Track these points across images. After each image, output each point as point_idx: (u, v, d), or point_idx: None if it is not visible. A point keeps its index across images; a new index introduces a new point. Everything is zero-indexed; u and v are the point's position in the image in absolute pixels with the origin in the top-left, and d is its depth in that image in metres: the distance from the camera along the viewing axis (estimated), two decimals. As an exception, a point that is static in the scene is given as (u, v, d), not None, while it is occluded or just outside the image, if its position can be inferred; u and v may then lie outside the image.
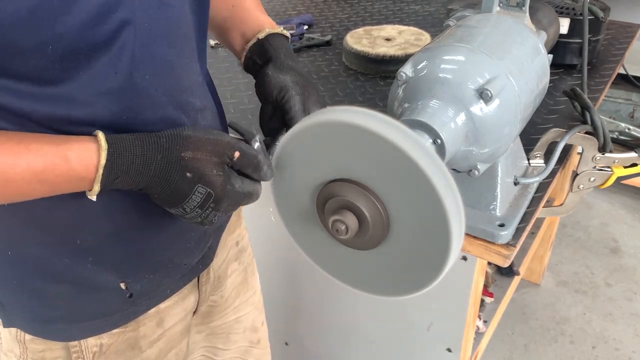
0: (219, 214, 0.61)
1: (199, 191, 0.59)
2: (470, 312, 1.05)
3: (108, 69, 0.56)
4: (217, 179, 0.59)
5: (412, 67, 0.76)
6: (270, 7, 1.79)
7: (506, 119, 0.74)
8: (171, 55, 0.62)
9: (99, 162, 0.55)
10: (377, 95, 1.23)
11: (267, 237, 1.26)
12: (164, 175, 0.58)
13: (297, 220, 0.66)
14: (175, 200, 0.59)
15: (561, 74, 1.30)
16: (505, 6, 0.89)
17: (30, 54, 0.52)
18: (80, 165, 0.55)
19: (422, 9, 1.74)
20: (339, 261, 0.65)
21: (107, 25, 0.54)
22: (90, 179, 0.56)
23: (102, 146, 0.55)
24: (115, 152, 0.56)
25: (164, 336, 0.78)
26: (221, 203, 0.60)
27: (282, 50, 0.76)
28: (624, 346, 1.85)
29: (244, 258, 0.95)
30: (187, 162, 0.58)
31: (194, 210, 0.60)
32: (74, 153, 0.55)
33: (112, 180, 0.56)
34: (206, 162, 0.58)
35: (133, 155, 0.57)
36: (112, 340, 0.72)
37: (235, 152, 0.60)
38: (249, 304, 0.97)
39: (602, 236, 2.31)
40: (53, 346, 0.71)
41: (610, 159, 0.93)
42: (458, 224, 0.54)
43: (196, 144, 0.59)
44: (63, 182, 0.55)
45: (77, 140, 0.56)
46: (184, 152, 0.58)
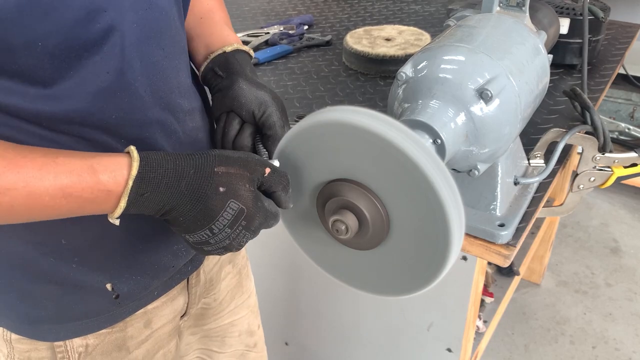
0: (248, 234, 0.60)
1: (231, 207, 0.57)
2: (470, 312, 1.05)
3: (99, 68, 0.56)
4: (250, 194, 0.58)
5: (412, 67, 0.76)
6: (270, 7, 1.79)
7: (506, 119, 0.74)
8: (160, 57, 0.62)
9: (129, 173, 0.54)
10: (377, 95, 1.23)
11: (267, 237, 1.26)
12: (196, 189, 0.56)
13: (297, 220, 0.66)
14: (205, 219, 0.57)
15: (561, 74, 1.30)
16: (505, 6, 0.89)
17: (19, 51, 0.52)
18: (109, 177, 0.54)
19: (422, 9, 1.74)
20: (339, 261, 0.65)
21: (98, 24, 0.54)
22: (118, 192, 0.54)
23: (134, 157, 0.55)
24: (148, 164, 0.55)
25: (151, 337, 0.78)
26: (253, 221, 0.59)
27: (247, 67, 0.76)
28: (624, 346, 1.85)
29: (238, 261, 0.94)
30: (220, 177, 0.57)
31: (222, 231, 0.58)
32: (102, 166, 0.54)
33: (140, 195, 0.55)
34: (240, 176, 0.58)
35: (165, 169, 0.55)
36: (98, 341, 0.72)
37: (266, 168, 0.59)
38: (244, 307, 0.96)
39: (602, 236, 2.31)
40: (39, 346, 0.71)
41: (610, 159, 0.93)
42: (458, 224, 0.54)
43: (229, 160, 0.58)
44: (89, 196, 0.53)
45: (107, 155, 0.55)
46: (217, 167, 0.57)
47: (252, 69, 0.77)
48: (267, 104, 0.71)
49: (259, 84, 0.73)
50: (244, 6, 1.80)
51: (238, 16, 1.71)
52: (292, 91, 1.26)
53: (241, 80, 0.73)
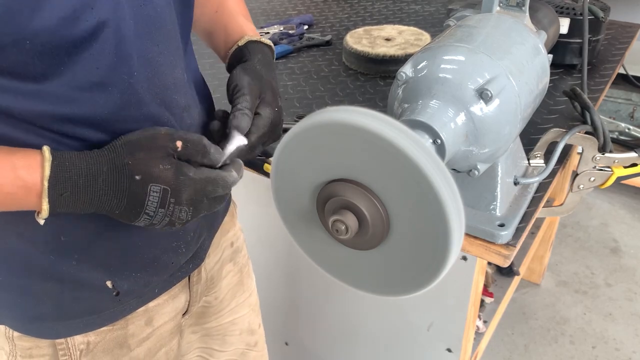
0: (184, 208, 0.60)
1: (153, 190, 0.58)
2: (470, 312, 1.05)
3: (90, 64, 0.56)
4: (166, 172, 0.58)
5: (412, 67, 0.76)
6: (270, 7, 1.79)
7: (506, 119, 0.74)
8: (154, 53, 0.62)
9: (42, 174, 0.55)
10: (377, 95, 1.23)
11: (267, 237, 1.26)
12: (114, 185, 0.57)
13: (297, 220, 0.66)
14: (135, 208, 0.58)
15: (561, 74, 1.30)
16: (505, 6, 0.89)
17: (8, 49, 0.52)
18: (26, 173, 0.54)
19: (422, 9, 1.74)
20: (339, 261, 0.65)
21: (86, 21, 0.54)
22: (37, 191, 0.55)
23: (46, 157, 0.55)
24: (60, 164, 0.55)
25: (153, 335, 0.78)
26: (181, 195, 0.59)
27: (257, 56, 0.76)
28: (624, 346, 1.85)
29: (239, 259, 0.94)
30: (132, 167, 0.57)
31: (157, 213, 0.59)
32: (22, 162, 0.55)
33: (59, 195, 0.55)
34: (149, 159, 0.58)
35: (79, 168, 0.56)
36: (99, 338, 0.72)
37: (177, 141, 0.60)
38: (245, 305, 0.96)
39: (602, 236, 2.31)
40: (40, 344, 0.71)
41: (610, 159, 0.93)
42: (458, 224, 0.54)
43: (136, 145, 0.59)
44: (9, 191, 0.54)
45: (28, 151, 0.56)
46: (127, 157, 0.58)
47: (263, 57, 0.77)
48: (239, 87, 0.71)
49: (250, 71, 0.73)
50: (244, 6, 1.80)
51: (238, 16, 1.71)
52: (292, 91, 1.26)
53: (238, 68, 0.73)
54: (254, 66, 0.74)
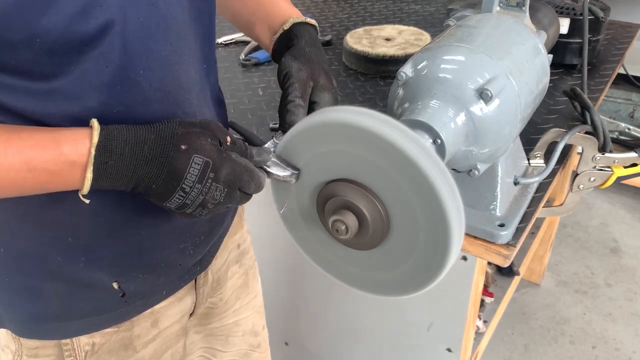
0: (220, 186, 0.59)
1: (195, 162, 0.57)
2: (470, 312, 1.05)
3: (99, 63, 0.56)
4: (212, 147, 0.58)
5: (412, 67, 0.76)
6: (270, 7, 1.79)
7: (506, 119, 0.74)
8: (167, 52, 0.62)
9: (91, 142, 0.54)
10: (377, 95, 1.23)
11: (267, 237, 1.26)
12: (159, 152, 0.56)
13: (297, 220, 0.66)
14: (174, 179, 0.57)
15: (561, 74, 1.30)
16: (505, 6, 0.89)
17: (19, 46, 0.52)
18: (71, 148, 0.54)
19: (422, 9, 1.74)
20: (339, 261, 0.65)
21: (95, 18, 0.54)
22: (82, 163, 0.54)
23: (95, 127, 0.55)
24: (109, 133, 0.55)
25: (159, 337, 0.78)
26: (220, 171, 0.58)
27: (304, 38, 0.74)
28: (624, 346, 1.85)
29: (245, 261, 0.94)
30: (180, 137, 0.57)
31: (194, 187, 0.57)
32: (65, 138, 0.54)
33: (104, 163, 0.55)
34: (200, 134, 0.58)
35: (126, 136, 0.56)
36: (104, 340, 0.72)
37: (227, 136, 0.60)
38: (249, 307, 0.96)
39: (602, 236, 2.31)
40: (47, 344, 0.71)
41: (610, 158, 0.93)
42: (458, 224, 0.54)
43: (188, 124, 0.59)
44: (53, 168, 0.54)
45: (70, 129, 0.56)
46: (177, 129, 0.58)
47: (310, 38, 0.75)
48: (289, 75, 0.70)
49: (299, 54, 0.72)
50: (244, 6, 1.80)
51: (238, 16, 1.71)
52: (292, 91, 1.25)
53: (287, 56, 0.72)
54: (302, 50, 0.73)
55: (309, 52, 0.73)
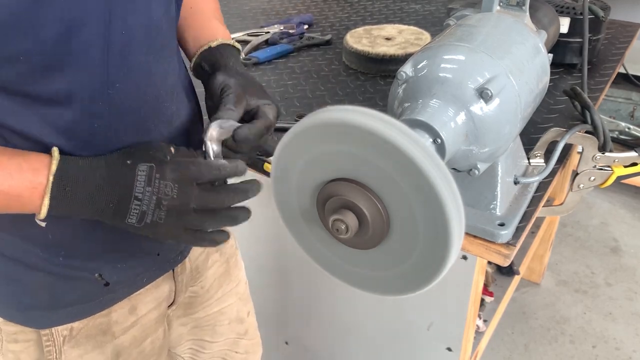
0: (169, 183, 0.60)
1: (140, 169, 0.60)
2: (471, 312, 1.05)
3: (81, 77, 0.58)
4: (156, 154, 0.62)
5: (412, 67, 0.76)
6: (270, 6, 1.79)
7: (506, 119, 0.74)
8: (148, 63, 0.64)
9: (49, 169, 0.57)
10: (377, 94, 1.23)
11: (267, 236, 1.26)
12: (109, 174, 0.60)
13: (297, 220, 0.66)
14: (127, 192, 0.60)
15: (561, 73, 1.30)
16: (506, 5, 0.89)
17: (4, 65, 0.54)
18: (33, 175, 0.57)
19: (422, 8, 1.74)
20: (339, 260, 0.65)
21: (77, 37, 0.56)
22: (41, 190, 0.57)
23: (54, 156, 0.58)
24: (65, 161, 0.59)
25: (137, 323, 0.80)
26: (165, 170, 0.60)
27: (232, 59, 0.77)
28: (624, 346, 1.85)
29: (225, 249, 0.96)
30: (126, 154, 0.62)
31: (145, 192, 0.60)
32: (28, 164, 0.57)
33: (62, 188, 0.58)
34: (142, 149, 0.62)
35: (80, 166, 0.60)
36: (82, 325, 0.74)
37: (170, 148, 0.63)
38: (232, 294, 0.97)
39: (602, 236, 2.31)
40: (26, 329, 0.73)
41: (610, 158, 0.93)
42: (458, 224, 0.54)
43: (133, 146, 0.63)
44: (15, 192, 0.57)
45: (33, 154, 0.59)
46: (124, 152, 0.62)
47: (237, 60, 0.77)
48: (228, 86, 0.71)
49: (233, 73, 0.73)
50: (244, 5, 1.80)
51: (238, 15, 1.71)
52: (292, 90, 1.26)
53: (217, 73, 0.73)
54: (233, 69, 0.75)
55: (241, 72, 0.75)
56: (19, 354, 0.74)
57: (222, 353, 0.99)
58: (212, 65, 0.76)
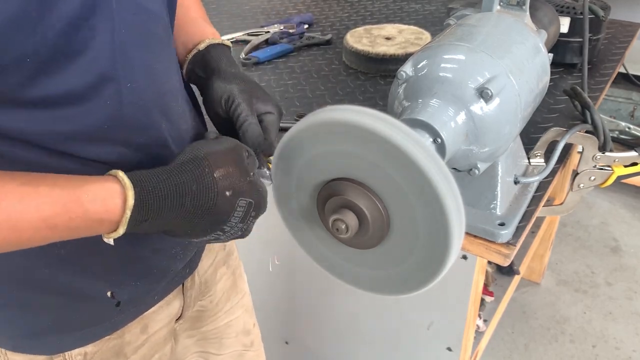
0: (255, 221, 0.60)
1: (240, 205, 0.56)
2: (471, 311, 1.05)
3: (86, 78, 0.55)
4: (250, 185, 0.58)
5: (413, 66, 0.76)
6: (270, 6, 1.79)
7: (506, 118, 0.74)
8: (150, 61, 0.61)
9: (125, 204, 0.52)
10: (378, 94, 1.23)
11: (267, 236, 1.26)
12: (202, 203, 0.55)
13: (297, 219, 0.66)
14: (217, 224, 0.56)
15: (561, 73, 1.30)
16: (506, 5, 0.89)
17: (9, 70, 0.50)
18: (100, 207, 0.51)
19: (422, 8, 1.74)
20: (339, 260, 0.65)
21: (81, 32, 0.53)
22: (113, 220, 0.52)
23: (126, 185, 0.52)
24: (143, 190, 0.53)
25: (147, 342, 0.78)
26: (260, 207, 0.59)
27: (223, 60, 0.74)
28: (624, 345, 1.86)
29: (231, 262, 0.94)
30: (223, 181, 0.55)
31: (235, 226, 0.57)
32: (91, 194, 0.51)
33: (140, 221, 0.53)
34: (238, 172, 0.57)
35: (164, 192, 0.53)
36: (96, 349, 0.71)
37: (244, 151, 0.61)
38: (239, 306, 0.96)
39: (602, 235, 2.31)
40: (36, 357, 0.69)
41: (611, 158, 0.93)
42: (458, 223, 0.54)
43: (222, 158, 0.57)
44: (78, 225, 0.51)
45: (94, 181, 0.52)
46: (216, 171, 0.56)
47: (229, 60, 0.75)
48: (233, 97, 0.70)
49: (230, 77, 0.72)
50: (244, 5, 1.80)
51: (238, 15, 1.71)
52: (292, 90, 1.25)
53: (214, 78, 0.72)
54: (228, 72, 0.73)
55: (236, 73, 0.73)
56: None
57: None
58: (205, 70, 0.73)
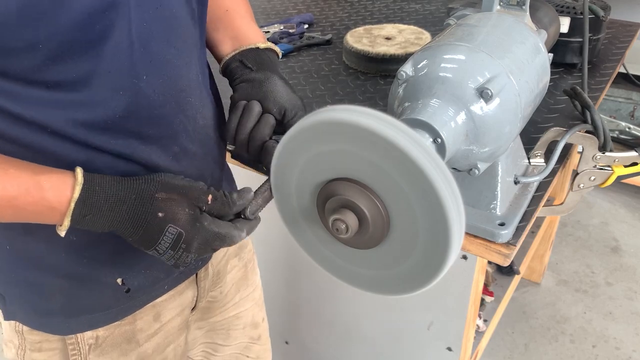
0: (191, 255, 0.62)
1: (169, 232, 0.59)
2: (471, 311, 1.05)
3: (101, 68, 0.56)
4: (188, 217, 0.60)
5: (413, 66, 0.76)
6: (270, 5, 1.79)
7: (506, 118, 0.74)
8: (170, 55, 0.62)
9: (72, 196, 0.56)
10: (378, 94, 1.23)
11: (267, 236, 1.26)
12: (136, 214, 0.58)
13: (297, 219, 0.66)
14: (148, 242, 0.60)
15: (561, 73, 1.30)
16: (506, 5, 0.89)
17: (22, 54, 0.52)
18: (53, 195, 0.56)
19: (422, 8, 1.74)
20: (339, 260, 0.65)
21: (97, 25, 0.54)
22: (62, 211, 0.56)
23: (77, 180, 0.56)
24: (90, 188, 0.57)
25: (161, 330, 0.79)
26: (192, 243, 0.61)
27: (279, 67, 0.78)
28: (624, 345, 1.86)
29: (244, 254, 0.96)
30: (159, 202, 0.59)
31: (166, 252, 0.60)
32: (50, 183, 0.56)
33: (82, 216, 0.57)
34: (179, 201, 0.59)
35: (107, 194, 0.58)
36: (108, 333, 0.74)
37: (209, 196, 0.62)
38: (249, 299, 0.97)
39: (602, 235, 2.31)
40: (50, 337, 0.72)
41: (611, 158, 0.93)
42: (458, 223, 0.54)
43: (170, 186, 0.60)
44: (33, 209, 0.56)
45: (56, 172, 0.57)
46: (158, 192, 0.59)
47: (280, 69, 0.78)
48: (299, 108, 0.72)
49: (292, 87, 0.75)
50: (244, 5, 1.80)
51: (238, 15, 1.71)
52: (292, 90, 1.25)
53: (277, 78, 0.74)
54: (286, 82, 0.75)
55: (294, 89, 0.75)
56: None
57: (234, 357, 0.99)
58: (260, 65, 0.75)
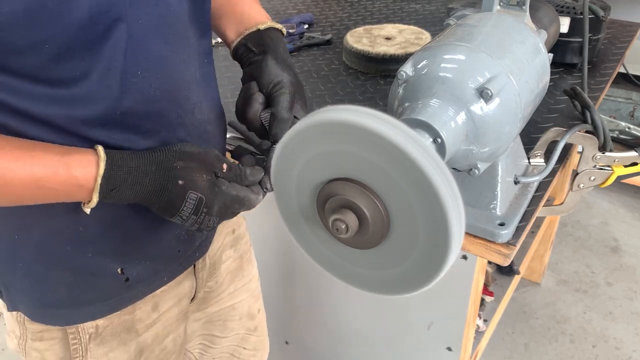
0: (213, 218, 0.64)
1: (190, 198, 0.62)
2: (471, 311, 1.05)
3: (102, 66, 0.58)
4: (207, 183, 0.62)
5: (413, 66, 0.76)
6: (270, 5, 1.79)
7: (506, 118, 0.74)
8: (166, 51, 0.64)
9: (97, 172, 0.58)
10: (378, 94, 1.23)
11: (267, 236, 1.26)
12: (158, 184, 0.61)
13: (297, 219, 0.66)
14: (172, 209, 0.62)
15: (561, 73, 1.30)
16: (506, 5, 0.89)
17: (27, 52, 0.54)
18: (80, 173, 0.58)
19: (422, 8, 1.74)
20: (339, 260, 0.65)
21: (101, 25, 0.56)
22: (89, 187, 0.58)
23: (100, 157, 0.59)
24: (114, 163, 0.59)
25: (159, 320, 0.80)
26: (212, 207, 0.63)
27: (280, 46, 0.78)
28: (624, 345, 1.86)
29: (240, 246, 0.97)
30: (179, 171, 0.62)
31: (190, 218, 0.63)
32: (76, 162, 0.58)
33: (109, 190, 0.59)
34: (197, 169, 0.62)
35: (129, 167, 0.60)
36: (107, 322, 0.75)
37: (223, 164, 0.65)
38: (244, 290, 0.99)
39: (602, 235, 2.31)
40: (51, 327, 0.74)
41: (611, 158, 0.93)
42: (458, 223, 0.54)
43: (187, 155, 0.63)
44: (62, 189, 0.57)
45: (79, 152, 0.59)
46: (177, 162, 0.62)
47: (285, 47, 0.79)
48: (282, 84, 0.73)
49: (285, 64, 0.75)
50: (244, 5, 1.80)
51: (238, 15, 1.71)
52: (292, 90, 1.25)
53: (269, 58, 0.75)
54: (285, 59, 0.76)
55: (291, 64, 0.77)
56: (43, 352, 0.75)
57: (231, 349, 1.00)
58: (261, 47, 0.77)
